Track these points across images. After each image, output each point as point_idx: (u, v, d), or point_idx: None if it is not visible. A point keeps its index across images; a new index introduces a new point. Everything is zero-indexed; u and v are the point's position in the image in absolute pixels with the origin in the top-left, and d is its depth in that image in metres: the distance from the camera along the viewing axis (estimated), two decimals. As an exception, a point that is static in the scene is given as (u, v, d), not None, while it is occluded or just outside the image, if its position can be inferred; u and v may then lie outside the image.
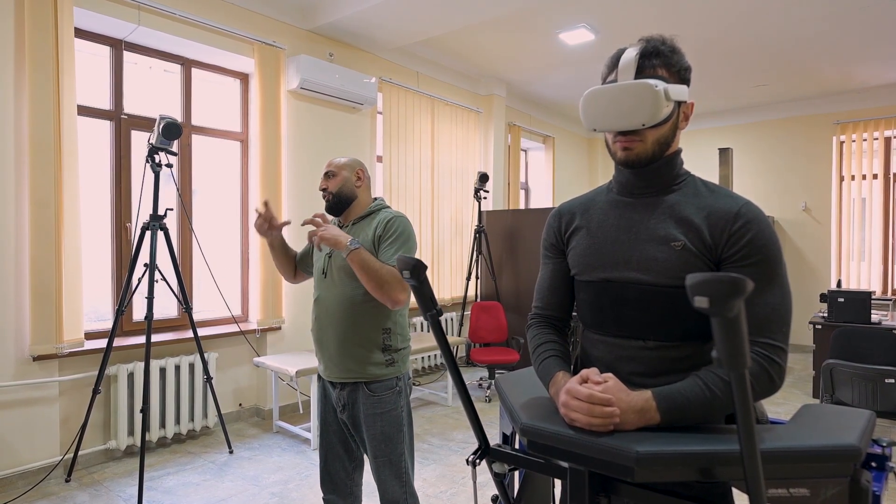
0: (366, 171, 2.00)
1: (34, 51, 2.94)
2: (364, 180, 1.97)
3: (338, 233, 1.75)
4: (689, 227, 1.04)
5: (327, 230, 1.75)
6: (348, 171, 1.94)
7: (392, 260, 1.80)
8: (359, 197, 1.96)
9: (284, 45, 4.16)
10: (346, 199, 1.94)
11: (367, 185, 1.99)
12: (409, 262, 1.00)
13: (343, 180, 1.93)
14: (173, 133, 3.01)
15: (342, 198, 1.93)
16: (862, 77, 5.95)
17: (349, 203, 1.94)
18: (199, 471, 3.21)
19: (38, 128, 2.96)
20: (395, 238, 1.82)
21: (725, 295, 0.63)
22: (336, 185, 1.93)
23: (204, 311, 4.05)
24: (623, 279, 1.09)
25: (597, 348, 1.15)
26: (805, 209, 6.85)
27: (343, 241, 1.73)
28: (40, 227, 2.98)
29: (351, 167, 1.96)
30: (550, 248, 1.25)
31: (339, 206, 1.94)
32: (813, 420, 0.97)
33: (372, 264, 1.74)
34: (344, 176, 1.93)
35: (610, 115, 1.04)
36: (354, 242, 1.74)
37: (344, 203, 1.94)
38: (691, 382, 0.97)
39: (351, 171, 1.95)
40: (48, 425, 3.07)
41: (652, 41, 1.06)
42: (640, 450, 0.86)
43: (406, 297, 1.79)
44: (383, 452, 1.82)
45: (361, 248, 1.74)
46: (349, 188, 1.94)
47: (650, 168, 1.08)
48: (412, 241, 1.87)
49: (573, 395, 0.96)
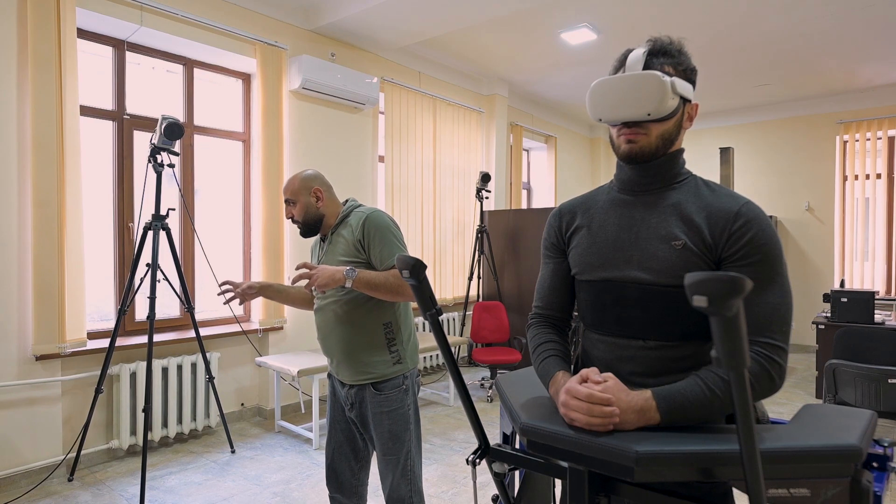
0: (323, 185, 1.97)
1: (37, 51, 2.95)
2: (324, 198, 1.95)
3: (331, 271, 1.73)
4: (690, 226, 1.04)
5: (320, 276, 1.72)
6: (305, 195, 1.93)
7: (391, 260, 1.81)
8: (326, 214, 1.95)
9: (286, 46, 4.17)
10: (314, 221, 1.94)
11: (330, 197, 1.97)
12: (409, 262, 1.00)
13: (304, 206, 1.93)
14: (175, 133, 3.02)
15: (309, 223, 1.94)
16: (866, 76, 5.92)
17: (319, 223, 1.95)
18: (202, 470, 3.21)
19: (40, 128, 2.97)
20: (378, 238, 1.82)
21: (724, 294, 0.63)
22: (299, 212, 1.94)
23: (206, 310, 4.05)
24: (624, 278, 1.09)
25: (597, 348, 1.14)
26: (808, 209, 6.83)
27: (339, 275, 1.72)
28: (43, 227, 2.99)
29: (306, 189, 1.93)
30: (551, 247, 1.25)
31: (310, 230, 1.95)
32: (814, 420, 0.96)
33: (376, 280, 1.75)
34: (303, 202, 1.93)
35: (616, 106, 1.04)
36: (350, 272, 1.73)
37: (313, 226, 1.95)
38: (691, 382, 0.96)
39: (307, 193, 1.93)
40: (51, 425, 3.08)
41: (659, 41, 1.07)
42: (639, 449, 0.86)
43: None
44: (391, 451, 1.83)
45: (360, 272, 1.75)
46: (312, 212, 1.93)
47: (652, 164, 1.08)
48: (394, 230, 1.86)
49: (573, 395, 0.96)
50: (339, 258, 1.86)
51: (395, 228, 1.89)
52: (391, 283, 1.76)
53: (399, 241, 1.87)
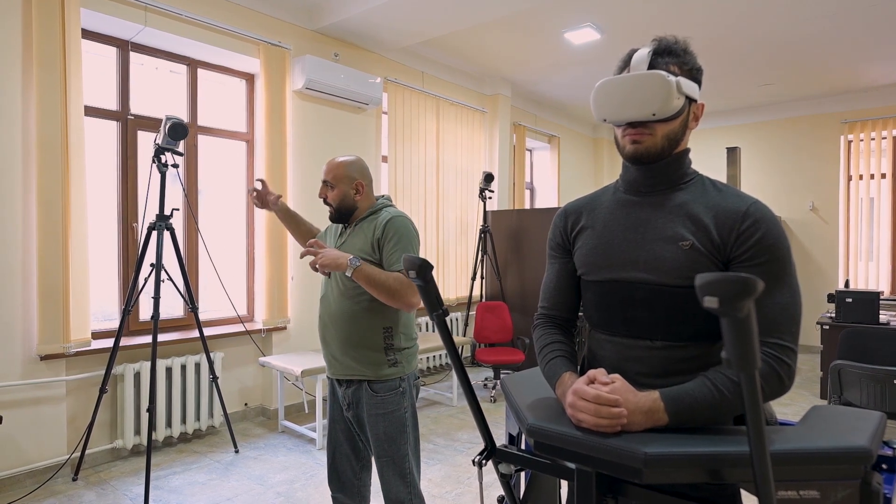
0: (366, 179, 1.97)
1: (41, 52, 2.96)
2: (363, 193, 1.95)
3: (336, 255, 1.76)
4: (698, 226, 1.03)
5: (325, 256, 1.76)
6: (346, 185, 1.93)
7: (398, 265, 1.80)
8: (359, 206, 1.96)
9: (290, 46, 4.17)
10: (347, 210, 1.95)
11: (368, 193, 1.97)
12: (415, 262, 0.99)
13: (341, 195, 1.93)
14: (179, 133, 3.02)
15: (343, 211, 1.94)
16: (870, 76, 5.90)
17: (350, 213, 1.95)
18: (206, 470, 3.22)
19: (45, 128, 2.98)
20: (395, 241, 1.82)
21: (735, 295, 0.62)
22: (335, 198, 1.93)
23: (209, 310, 4.06)
24: (630, 279, 1.08)
25: (603, 348, 1.14)
26: (812, 209, 6.81)
27: (343, 261, 1.74)
28: (48, 227, 3.00)
29: (349, 179, 1.93)
30: (556, 247, 1.25)
31: (341, 217, 1.96)
32: (823, 421, 0.96)
33: (377, 277, 1.75)
34: (342, 190, 1.93)
35: (621, 106, 1.03)
36: (354, 260, 1.74)
37: (345, 215, 1.95)
38: (699, 383, 0.96)
39: (349, 183, 1.93)
40: (55, 424, 3.09)
41: (664, 40, 1.06)
42: (648, 451, 0.85)
43: (419, 300, 1.78)
44: (386, 452, 1.82)
45: (363, 264, 1.75)
46: (349, 202, 1.94)
47: (658, 165, 1.08)
48: (413, 239, 1.86)
49: (580, 396, 0.95)
50: (356, 252, 1.86)
51: (415, 237, 1.88)
52: (390, 284, 1.75)
53: (414, 249, 1.86)
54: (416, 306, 1.80)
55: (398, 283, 1.76)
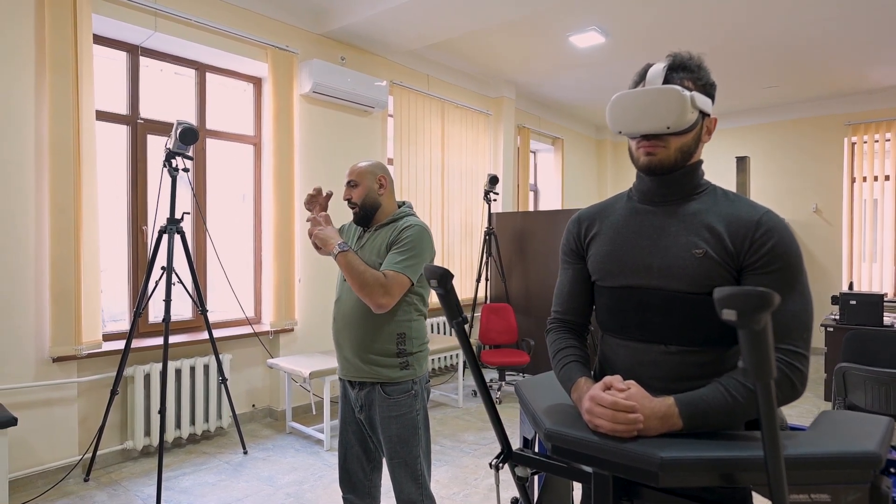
0: (388, 176, 1.99)
1: (54, 57, 3.00)
2: (387, 186, 1.97)
3: (330, 234, 1.82)
4: (711, 234, 1.06)
5: (323, 230, 1.82)
6: (370, 180, 1.95)
7: (393, 265, 1.81)
8: (382, 205, 1.96)
9: (297, 50, 4.20)
10: (371, 208, 1.95)
11: (391, 191, 1.99)
12: (436, 272, 1.02)
13: (366, 190, 1.94)
14: (190, 138, 3.05)
15: (367, 209, 1.94)
16: (874, 78, 5.92)
17: (374, 212, 1.96)
18: (215, 471, 3.25)
19: (57, 133, 3.02)
20: (404, 246, 1.84)
21: (753, 308, 0.65)
22: (360, 195, 1.94)
23: (217, 311, 4.09)
24: (645, 285, 1.11)
25: (617, 353, 1.17)
26: (816, 211, 6.83)
27: (332, 242, 1.80)
28: (60, 230, 3.03)
29: (372, 174, 1.96)
30: (570, 253, 1.27)
31: (366, 216, 1.95)
32: (833, 426, 0.98)
33: (356, 267, 1.77)
34: (366, 185, 1.94)
35: (636, 119, 1.07)
36: (343, 245, 1.79)
37: (369, 213, 1.95)
38: (713, 389, 0.99)
39: (373, 178, 1.95)
40: (67, 425, 3.12)
41: (679, 56, 1.09)
42: (664, 455, 0.88)
43: (389, 302, 1.78)
44: (398, 454, 1.85)
45: (349, 252, 1.79)
46: (373, 197, 1.95)
47: (672, 176, 1.11)
48: (423, 249, 1.86)
49: (597, 402, 0.98)
50: (373, 258, 1.87)
51: (428, 249, 1.88)
52: (365, 278, 1.75)
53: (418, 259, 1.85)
54: (382, 308, 1.78)
55: (373, 279, 1.76)
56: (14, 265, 2.94)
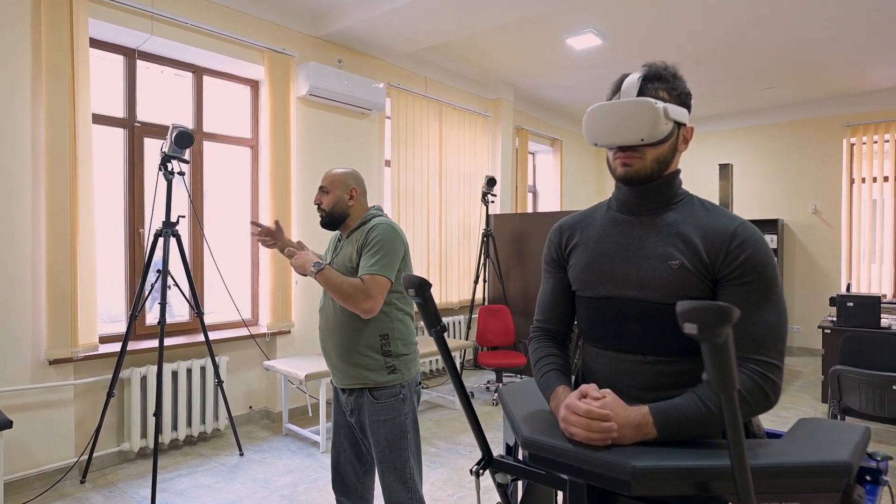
0: (360, 188, 2.03)
1: (50, 60, 3.01)
2: (357, 198, 2.01)
3: (305, 260, 1.88)
4: (687, 245, 1.07)
5: (298, 258, 1.90)
6: (341, 190, 1.99)
7: (367, 268, 1.83)
8: (351, 214, 2.01)
9: (294, 53, 4.22)
10: (338, 217, 2.00)
11: (361, 201, 2.03)
12: (414, 281, 1.03)
13: (335, 199, 1.99)
14: (186, 142, 3.07)
15: (334, 216, 2.00)
16: (873, 79, 5.91)
17: (342, 220, 2.00)
18: (211, 473, 3.26)
19: (54, 136, 3.03)
20: (373, 247, 1.87)
21: (714, 322, 0.66)
22: (329, 203, 1.99)
23: (214, 312, 4.11)
24: (623, 296, 1.12)
25: (597, 362, 1.18)
26: (815, 212, 6.82)
27: (308, 266, 1.86)
28: (56, 233, 3.05)
29: (344, 185, 2.00)
30: (551, 262, 1.28)
31: (332, 223, 2.01)
32: (807, 435, 0.99)
33: (334, 281, 1.82)
34: (336, 194, 1.99)
35: (611, 131, 1.08)
36: (318, 265, 1.85)
37: (336, 221, 2.00)
38: (687, 399, 0.99)
39: (344, 188, 1.99)
40: (64, 428, 3.14)
41: (654, 66, 1.10)
42: (636, 464, 0.89)
43: (374, 305, 1.82)
44: (387, 458, 1.86)
45: (326, 268, 1.84)
46: (341, 207, 1.99)
47: (649, 186, 1.11)
48: (393, 246, 1.88)
49: (572, 410, 0.99)
50: (346, 263, 1.92)
51: (398, 243, 1.90)
52: (344, 289, 1.81)
53: (391, 256, 1.87)
54: (369, 312, 1.82)
55: (352, 288, 1.81)
56: (11, 268, 2.96)
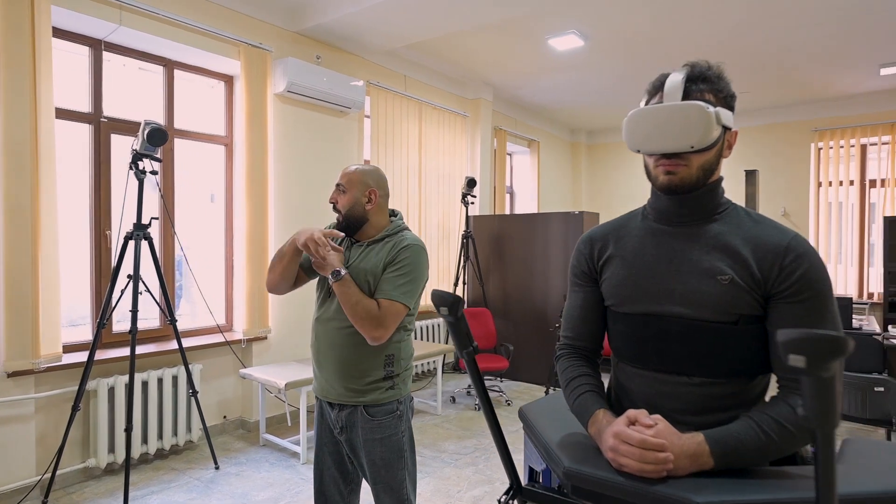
0: (381, 190, 1.84)
1: (9, 50, 2.79)
2: (376, 202, 1.81)
3: (331, 261, 1.68)
4: (736, 259, 1.00)
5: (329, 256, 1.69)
6: (359, 191, 1.80)
7: (388, 292, 1.70)
8: (370, 220, 1.82)
9: (271, 47, 4.05)
10: (356, 221, 1.80)
11: (381, 207, 1.84)
12: (447, 299, 0.94)
13: (352, 200, 1.79)
14: (158, 139, 2.89)
15: (351, 220, 1.80)
16: (841, 86, 6.07)
17: (360, 225, 1.81)
18: (185, 489, 3.09)
19: (13, 131, 2.81)
20: (401, 269, 1.72)
21: (825, 355, 0.59)
22: (345, 204, 1.80)
23: (186, 316, 3.91)
24: (665, 313, 1.04)
25: (634, 382, 1.10)
26: (784, 214, 6.98)
27: (328, 269, 1.68)
28: (15, 235, 2.83)
29: (363, 185, 1.80)
30: (581, 275, 1.20)
31: (350, 228, 1.81)
32: (862, 459, 0.94)
33: (351, 297, 1.66)
34: (354, 195, 1.79)
35: (657, 137, 0.99)
36: (336, 274, 1.67)
37: (354, 225, 1.81)
38: (745, 425, 0.93)
39: (362, 190, 1.80)
40: (23, 444, 2.92)
41: (698, 66, 1.03)
42: (699, 501, 0.82)
43: (383, 335, 1.67)
44: (383, 479, 1.74)
45: (346, 279, 1.67)
46: (359, 211, 1.80)
47: (692, 195, 1.04)
48: (421, 271, 1.75)
49: (623, 440, 0.91)
50: (366, 277, 1.74)
51: (425, 268, 1.78)
52: (358, 310, 1.65)
53: (416, 284, 1.75)
54: (377, 340, 1.68)
55: (366, 312, 1.65)
56: (-36, 274, 2.73)
